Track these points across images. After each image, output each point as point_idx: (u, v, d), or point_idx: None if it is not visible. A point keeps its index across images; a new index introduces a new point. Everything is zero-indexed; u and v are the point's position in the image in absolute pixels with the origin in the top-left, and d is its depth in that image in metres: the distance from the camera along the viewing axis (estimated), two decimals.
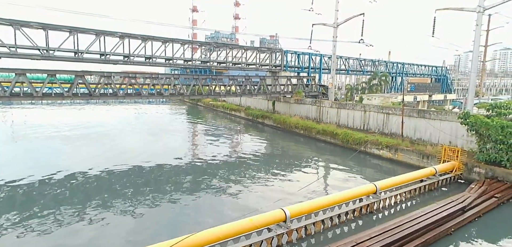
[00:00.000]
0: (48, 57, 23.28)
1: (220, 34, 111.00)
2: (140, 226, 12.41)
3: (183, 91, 30.57)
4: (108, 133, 33.02)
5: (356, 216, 13.65)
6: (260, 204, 14.32)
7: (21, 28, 21.92)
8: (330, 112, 32.68)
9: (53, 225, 12.18)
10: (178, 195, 15.84)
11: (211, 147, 28.18)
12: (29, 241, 11.09)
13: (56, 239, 11.23)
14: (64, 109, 52.78)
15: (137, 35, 26.87)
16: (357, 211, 13.74)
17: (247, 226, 10.15)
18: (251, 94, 35.18)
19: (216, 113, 54.23)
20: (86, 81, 24.46)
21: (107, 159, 21.96)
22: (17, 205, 14.03)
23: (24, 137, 30.56)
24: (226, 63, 34.30)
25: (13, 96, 22.93)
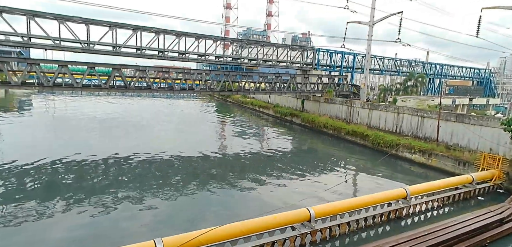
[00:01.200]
0: (89, 50, 24.63)
1: (252, 31, 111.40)
2: (167, 216, 12.85)
3: (214, 86, 31.10)
4: (141, 124, 34.43)
5: (384, 221, 13.23)
6: (284, 202, 14.30)
7: (65, 23, 23.37)
8: (361, 113, 31.81)
9: (86, 204, 12.94)
10: (205, 188, 16.20)
11: (238, 142, 28.50)
12: (84, 215, 11.88)
13: (92, 216, 11.93)
14: (101, 100, 55.67)
15: (172, 31, 27.70)
16: (385, 216, 13.31)
17: (271, 223, 10.19)
18: (280, 91, 35.07)
19: (244, 110, 54.65)
20: (123, 74, 25.63)
21: (140, 149, 22.89)
22: (65, 184, 15.06)
23: (65, 124, 32.66)
24: (257, 60, 34.44)
25: (55, 86, 24.59)
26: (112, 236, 10.81)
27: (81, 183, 15.80)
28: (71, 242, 10.39)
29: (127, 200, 13.89)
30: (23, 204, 12.81)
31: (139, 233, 11.05)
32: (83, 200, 13.61)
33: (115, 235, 10.87)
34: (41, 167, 17.61)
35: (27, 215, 11.95)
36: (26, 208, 12.50)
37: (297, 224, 10.82)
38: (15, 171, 16.84)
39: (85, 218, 12.00)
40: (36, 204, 12.89)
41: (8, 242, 10.14)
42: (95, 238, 10.72)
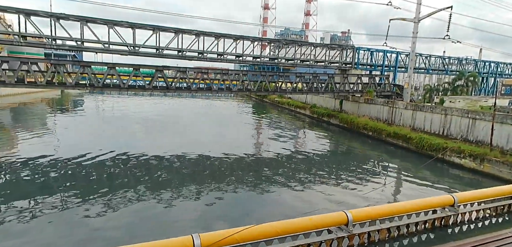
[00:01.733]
0: (134, 53, 26.09)
1: (290, 31, 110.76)
2: (203, 212, 13.21)
3: (250, 87, 31.42)
4: (181, 124, 35.78)
5: (428, 229, 12.47)
6: (320, 204, 14.06)
7: (114, 27, 24.97)
8: (404, 114, 30.27)
9: (126, 197, 13.72)
10: (241, 186, 16.42)
11: (274, 142, 28.51)
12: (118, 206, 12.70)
13: (126, 209, 12.63)
14: (144, 99, 58.68)
15: (211, 33, 28.46)
16: (429, 223, 12.53)
17: (306, 225, 10.05)
18: (317, 92, 34.51)
19: (280, 110, 54.52)
20: (165, 75, 26.82)
21: (179, 146, 23.76)
22: (104, 177, 16.15)
23: (113, 122, 34.93)
24: (294, 60, 34.21)
25: (104, 86, 26.43)
26: (152, 229, 11.35)
27: (127, 178, 16.78)
28: (117, 230, 11.07)
29: (166, 195, 14.51)
30: (69, 195, 13.90)
31: (178, 228, 11.49)
32: (127, 194, 14.43)
33: (155, 228, 11.40)
34: (93, 162, 18.96)
35: (76, 205, 12.94)
36: (71, 197, 13.55)
37: (334, 227, 10.56)
38: (69, 164, 18.31)
39: (130, 211, 12.71)
40: (83, 195, 13.91)
41: (68, 231, 11.06)
42: (135, 230, 11.32)
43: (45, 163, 18.20)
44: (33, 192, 14.15)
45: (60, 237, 10.63)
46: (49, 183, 15.46)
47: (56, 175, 16.74)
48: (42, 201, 13.16)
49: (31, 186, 15.02)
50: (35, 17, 23.16)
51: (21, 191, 14.21)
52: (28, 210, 12.31)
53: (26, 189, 14.47)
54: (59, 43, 24.81)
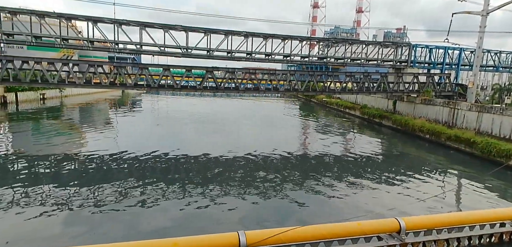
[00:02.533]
0: (187, 54, 27.43)
1: (340, 29, 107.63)
2: (248, 211, 13.40)
3: (298, 87, 31.13)
4: (230, 123, 36.71)
5: (494, 243, 11.26)
6: (369, 209, 13.43)
7: (169, 31, 26.48)
8: (467, 116, 27.64)
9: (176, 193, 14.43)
10: (285, 186, 16.35)
11: (321, 143, 27.91)
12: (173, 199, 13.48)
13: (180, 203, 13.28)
14: (195, 99, 61.26)
15: (260, 34, 28.81)
16: (495, 237, 11.31)
17: (354, 230, 9.69)
18: (369, 92, 33.03)
19: (328, 110, 53.18)
20: (214, 75, 27.75)
21: (226, 145, 24.39)
22: (157, 172, 17.21)
23: (167, 120, 37.06)
24: (344, 59, 33.15)
25: (160, 87, 28.18)
26: (199, 223, 11.81)
27: (177, 174, 17.69)
28: (166, 221, 11.72)
29: (213, 192, 15.00)
30: (125, 188, 15.00)
31: (223, 224, 11.81)
32: (177, 188, 15.20)
33: (201, 223, 11.85)
34: (147, 157, 20.32)
35: (131, 198, 13.95)
36: (128, 190, 14.62)
37: (384, 234, 10.03)
38: (126, 159, 19.82)
39: (178, 204, 13.38)
40: (139, 188, 14.94)
41: (123, 218, 12.01)
42: (182, 223, 11.86)
43: (107, 157, 19.93)
44: (97, 182, 15.58)
45: (116, 223, 11.56)
46: (110, 175, 16.90)
47: (116, 168, 18.24)
48: (103, 191, 14.44)
49: (95, 177, 16.55)
50: (101, 23, 25.50)
51: (87, 181, 15.72)
52: (92, 198, 13.59)
53: (92, 180, 15.98)
54: (121, 47, 27.08)
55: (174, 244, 2.76)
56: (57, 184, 14.93)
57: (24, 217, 11.56)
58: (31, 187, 14.46)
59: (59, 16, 25.00)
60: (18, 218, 11.49)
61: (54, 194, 13.78)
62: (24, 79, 25.00)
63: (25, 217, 11.53)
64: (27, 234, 10.53)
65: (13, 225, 11.04)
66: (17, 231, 10.63)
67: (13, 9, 24.68)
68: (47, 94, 47.01)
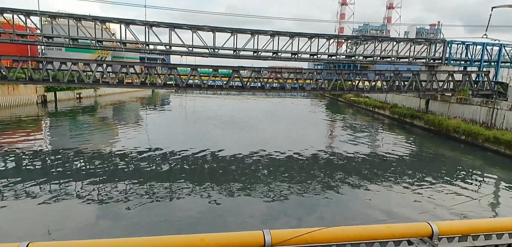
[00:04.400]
0: (214, 54, 27.83)
1: (369, 26, 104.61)
2: (273, 210, 13.39)
3: (324, 85, 30.66)
4: (255, 121, 36.83)
5: None
6: (399, 212, 12.98)
7: (197, 32, 27.00)
8: (508, 116, 25.92)
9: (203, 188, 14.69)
10: (311, 185, 16.17)
11: (348, 143, 27.30)
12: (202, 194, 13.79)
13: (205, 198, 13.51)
14: (221, 98, 62.04)
15: (286, 33, 28.65)
16: None
17: (382, 233, 9.36)
18: (399, 90, 31.88)
19: (356, 110, 51.91)
20: (240, 75, 27.96)
21: (251, 143, 24.53)
22: (187, 171, 17.63)
23: (192, 118, 37.85)
24: (373, 57, 32.18)
25: (187, 86, 28.80)
26: (223, 220, 11.97)
27: (203, 171, 18.03)
28: (190, 217, 11.98)
29: (237, 190, 15.14)
30: (155, 183, 15.48)
31: (247, 222, 11.89)
32: (202, 185, 15.48)
33: (226, 220, 12.00)
34: (175, 154, 20.86)
35: (162, 193, 14.38)
36: (158, 186, 15.07)
37: (415, 239, 9.60)
38: (155, 156, 20.46)
39: (204, 201, 13.62)
40: (168, 185, 15.37)
41: (152, 211, 12.42)
42: (207, 220, 12.06)
43: (138, 154, 20.70)
44: (128, 177, 16.22)
45: (145, 217, 11.97)
46: (140, 171, 17.54)
47: (146, 164, 18.89)
48: (133, 186, 15.00)
49: (127, 173, 17.24)
50: (133, 26, 26.49)
51: (119, 176, 16.41)
52: (123, 193, 14.16)
53: (123, 175, 16.66)
54: (151, 48, 27.96)
55: (201, 240, 2.79)
56: (92, 179, 15.71)
57: (63, 208, 12.28)
58: (68, 181, 15.33)
59: (94, 19, 26.25)
60: (58, 208, 12.22)
61: (89, 187, 14.51)
62: (62, 79, 26.51)
63: (64, 209, 12.25)
64: (66, 224, 11.17)
65: (53, 215, 11.76)
66: (57, 220, 11.31)
67: (53, 13, 26.24)
68: (83, 94, 49.55)
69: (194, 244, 2.80)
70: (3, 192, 13.53)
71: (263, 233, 3.14)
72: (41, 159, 19.39)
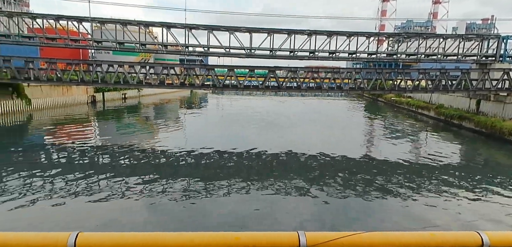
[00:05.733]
0: (250, 55, 28.09)
1: (413, 23, 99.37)
2: (306, 211, 13.18)
3: (364, 85, 29.64)
4: (291, 122, 36.57)
5: None
6: (442, 219, 12.16)
7: (234, 33, 27.44)
8: None
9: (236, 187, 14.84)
10: (347, 189, 15.70)
11: (389, 145, 26.13)
12: None
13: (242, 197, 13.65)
14: (256, 98, 62.40)
15: (323, 32, 28.14)
16: None
17: (426, 241, 8.82)
18: (446, 90, 29.92)
19: (398, 110, 49.51)
20: (276, 75, 27.93)
21: (286, 144, 24.33)
22: (224, 169, 17.97)
23: (229, 118, 38.48)
24: (417, 55, 30.50)
25: (224, 87, 29.35)
26: (257, 220, 12.01)
27: (239, 170, 18.26)
28: (225, 216, 12.17)
29: (271, 190, 15.11)
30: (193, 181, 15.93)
31: (283, 223, 11.83)
32: (237, 184, 15.67)
33: (260, 220, 12.03)
34: (211, 153, 21.36)
35: (199, 190, 14.80)
36: (196, 184, 15.50)
37: None
38: (192, 154, 21.10)
39: (237, 200, 13.79)
40: (204, 181, 15.76)
41: (189, 208, 12.84)
42: (241, 219, 12.17)
43: (176, 152, 21.50)
44: (167, 174, 16.90)
45: (182, 213, 12.39)
46: (178, 169, 18.22)
47: (183, 162, 19.57)
48: (172, 183, 15.60)
49: (166, 169, 17.98)
50: (174, 29, 27.58)
51: (159, 173, 17.16)
52: (162, 189, 14.79)
53: (163, 172, 17.40)
54: (190, 50, 28.90)
55: (236, 238, 2.83)
56: (135, 174, 16.59)
57: (109, 201, 13.12)
58: (114, 175, 16.32)
59: (138, 24, 27.74)
60: (105, 201, 13.08)
61: (133, 182, 15.34)
62: (109, 81, 28.33)
63: (111, 201, 13.08)
64: (112, 216, 11.92)
65: (101, 208, 12.60)
66: (104, 212, 12.11)
67: (102, 19, 28.13)
68: (127, 94, 52.53)
69: (228, 242, 2.84)
70: (57, 184, 14.76)
71: (298, 235, 3.11)
72: (90, 155, 20.86)
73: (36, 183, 14.82)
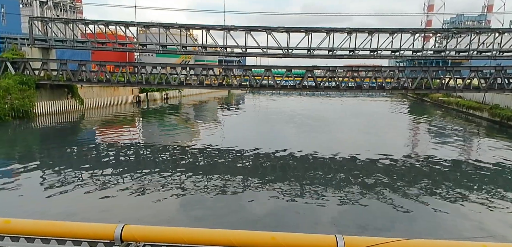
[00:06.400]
0: (287, 55, 27.94)
1: (464, 17, 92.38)
2: (344, 213, 12.80)
3: (407, 84, 28.15)
4: (330, 123, 35.78)
5: None
6: (499, 231, 11.14)
7: (271, 33, 27.47)
8: None
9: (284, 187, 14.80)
10: (391, 192, 14.97)
11: (436, 148, 24.49)
12: None
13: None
14: (293, 98, 61.85)
15: (364, 29, 27.19)
16: None
17: None
18: (502, 89, 27.42)
19: (446, 111, 46.32)
20: (314, 75, 27.50)
21: (325, 145, 23.86)
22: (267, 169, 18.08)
23: (265, 118, 38.59)
24: (468, 51, 28.31)
25: (261, 87, 29.51)
26: (294, 220, 11.90)
27: (276, 170, 18.25)
28: (262, 215, 12.20)
29: (311, 191, 14.88)
30: (229, 178, 16.16)
31: (320, 225, 11.60)
32: (275, 184, 15.63)
33: (296, 220, 11.90)
34: (248, 153, 21.57)
35: (235, 186, 15.01)
36: (233, 181, 15.73)
37: None
38: (230, 153, 21.45)
39: (274, 199, 13.75)
40: (241, 180, 15.94)
41: (218, 207, 13.10)
42: (278, 219, 12.11)
43: (214, 151, 22.02)
44: (206, 172, 17.37)
45: (221, 210, 12.64)
46: (216, 167, 18.62)
47: (221, 161, 19.97)
48: (210, 180, 15.99)
49: (205, 167, 18.49)
50: (213, 30, 28.30)
51: (198, 170, 17.69)
52: (202, 186, 15.23)
53: (202, 170, 17.92)
54: (228, 51, 29.44)
55: (272, 238, 2.83)
56: (177, 170, 17.28)
57: (153, 195, 13.80)
58: (156, 171, 17.12)
59: (180, 27, 28.84)
60: (149, 195, 13.78)
61: (174, 178, 15.99)
62: (153, 82, 29.78)
63: (154, 196, 13.74)
64: (156, 210, 12.52)
65: (145, 202, 13.30)
66: (148, 206, 12.76)
67: (147, 24, 29.66)
68: (169, 94, 54.83)
69: (265, 241, 2.85)
70: (105, 177, 15.82)
71: (336, 238, 3.04)
72: (134, 151, 22.09)
73: (87, 176, 16.01)
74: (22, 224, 2.91)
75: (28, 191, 14.42)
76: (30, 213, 11.85)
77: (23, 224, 2.91)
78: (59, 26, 31.71)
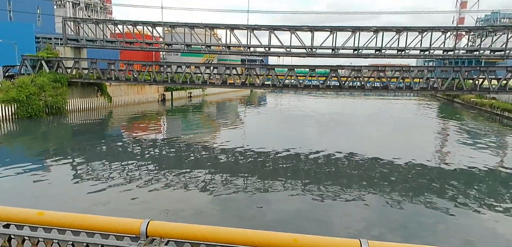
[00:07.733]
0: (311, 54, 27.62)
1: (500, 14, 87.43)
2: (368, 218, 12.47)
3: (437, 85, 27.01)
4: (351, 123, 35.02)
5: None
6: None
7: (295, 32, 27.26)
8: None
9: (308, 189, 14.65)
10: (417, 198, 14.42)
11: (468, 153, 23.32)
12: None
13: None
14: (316, 98, 61.03)
15: (392, 28, 26.38)
16: None
17: None
18: None
19: (478, 113, 44.03)
20: (338, 74, 27.01)
21: (348, 146, 23.34)
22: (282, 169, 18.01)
23: (288, 118, 38.35)
24: (504, 50, 26.77)
25: (284, 86, 29.35)
26: (316, 222, 11.74)
27: (297, 171, 18.09)
28: (284, 214, 12.12)
29: (333, 194, 14.62)
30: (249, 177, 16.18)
31: (342, 228, 11.38)
32: (297, 185, 15.51)
33: (319, 223, 11.73)
34: (270, 153, 21.53)
35: (255, 188, 15.02)
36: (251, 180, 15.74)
37: None
38: (251, 153, 21.49)
39: (296, 200, 13.64)
40: (263, 180, 15.93)
41: (246, 203, 13.15)
42: (299, 220, 11.99)
43: (236, 149, 22.15)
44: (227, 170, 17.51)
45: (242, 209, 12.70)
46: (238, 165, 18.74)
47: (243, 159, 20.05)
48: (232, 178, 16.11)
49: (226, 166, 18.64)
50: (237, 30, 28.46)
51: (220, 168, 17.88)
52: (223, 184, 15.37)
53: (223, 168, 18.09)
54: (251, 50, 29.51)
55: (294, 240, 2.80)
56: (199, 168, 17.54)
57: (177, 192, 14.11)
58: (180, 168, 17.47)
59: (204, 26, 29.25)
60: (174, 192, 14.10)
61: (197, 175, 16.25)
62: (178, 81, 30.41)
63: (178, 193, 14.05)
64: (180, 206, 12.78)
65: (170, 198, 13.61)
66: (173, 203, 13.07)
67: (172, 24, 30.32)
68: (193, 93, 55.81)
69: (286, 243, 2.82)
70: (131, 172, 16.33)
71: (360, 243, 2.96)
72: (159, 147, 22.66)
73: (116, 170, 16.63)
74: (54, 216, 3.05)
75: (61, 183, 15.17)
76: (61, 204, 12.47)
77: (55, 216, 3.05)
78: (90, 26, 33.08)
